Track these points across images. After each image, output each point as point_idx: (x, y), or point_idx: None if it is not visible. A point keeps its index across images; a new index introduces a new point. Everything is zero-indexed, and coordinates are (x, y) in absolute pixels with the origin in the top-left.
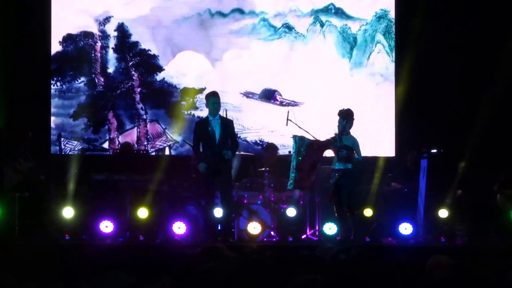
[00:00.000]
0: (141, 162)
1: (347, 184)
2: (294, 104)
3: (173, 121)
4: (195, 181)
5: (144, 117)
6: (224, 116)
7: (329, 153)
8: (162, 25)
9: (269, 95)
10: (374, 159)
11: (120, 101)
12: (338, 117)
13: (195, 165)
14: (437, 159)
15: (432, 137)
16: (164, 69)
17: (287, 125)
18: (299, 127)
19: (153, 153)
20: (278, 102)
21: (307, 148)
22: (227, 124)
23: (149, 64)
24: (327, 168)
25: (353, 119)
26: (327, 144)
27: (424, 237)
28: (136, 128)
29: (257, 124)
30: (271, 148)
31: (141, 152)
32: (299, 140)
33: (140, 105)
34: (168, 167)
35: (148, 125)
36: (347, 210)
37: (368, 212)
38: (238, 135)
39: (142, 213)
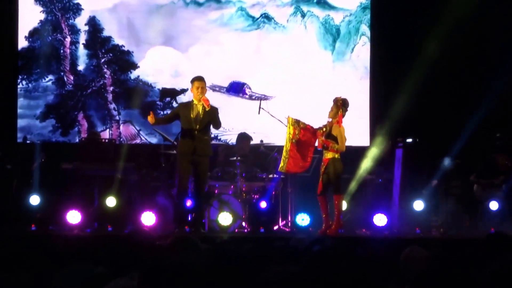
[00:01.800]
0: (109, 151)
1: (335, 172)
2: (264, 98)
3: (147, 122)
4: (165, 170)
5: (117, 118)
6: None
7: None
8: (136, 17)
9: (237, 88)
10: (352, 149)
11: (91, 101)
12: (332, 104)
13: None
14: (412, 148)
15: (407, 127)
16: (138, 66)
17: (259, 113)
18: (272, 116)
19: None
20: (247, 96)
21: (303, 131)
22: (210, 111)
23: (122, 60)
24: (313, 159)
25: (347, 110)
26: (317, 130)
27: (399, 228)
28: (108, 130)
29: (229, 123)
30: (244, 137)
31: (109, 141)
32: (293, 122)
33: (112, 105)
34: (137, 156)
35: (121, 127)
36: (336, 197)
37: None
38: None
39: (110, 202)
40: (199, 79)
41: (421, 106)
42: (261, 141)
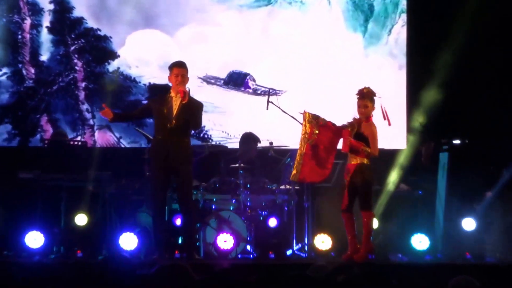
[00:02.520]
0: (79, 156)
1: (364, 182)
2: (272, 92)
3: (130, 127)
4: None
5: (91, 122)
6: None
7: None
8: None
9: (238, 81)
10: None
11: (58, 101)
12: (359, 99)
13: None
14: (460, 152)
15: (454, 125)
16: (118, 56)
17: (267, 109)
18: (284, 112)
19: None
20: (250, 90)
21: (322, 129)
22: (191, 106)
23: (98, 48)
24: (335, 164)
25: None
26: (341, 129)
27: (444, 252)
28: (80, 137)
29: (230, 125)
30: (249, 138)
31: (80, 143)
32: (311, 118)
33: (85, 106)
34: (115, 163)
35: (96, 133)
36: (365, 213)
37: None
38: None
39: (81, 221)
40: (178, 65)
41: (471, 100)
42: (271, 143)
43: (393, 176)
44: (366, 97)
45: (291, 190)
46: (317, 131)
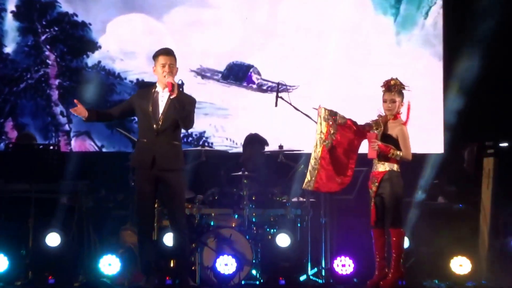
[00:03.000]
0: (51, 162)
1: (392, 193)
2: (282, 87)
3: (115, 134)
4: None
5: (66, 128)
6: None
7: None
8: None
9: (239, 74)
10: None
11: (26, 102)
12: (385, 92)
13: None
14: (509, 157)
15: (499, 126)
16: (99, 47)
17: (276, 105)
18: (296, 109)
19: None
20: (254, 85)
21: (341, 129)
22: (181, 102)
23: (74, 38)
24: (357, 172)
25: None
26: (364, 130)
27: (490, 278)
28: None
29: (231, 128)
30: (254, 141)
31: (50, 147)
32: (327, 116)
33: (59, 108)
34: (93, 171)
35: (72, 141)
36: (394, 231)
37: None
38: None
39: (53, 241)
40: (164, 53)
41: None
42: (280, 147)
43: (428, 186)
44: (393, 90)
45: (305, 203)
46: (334, 131)
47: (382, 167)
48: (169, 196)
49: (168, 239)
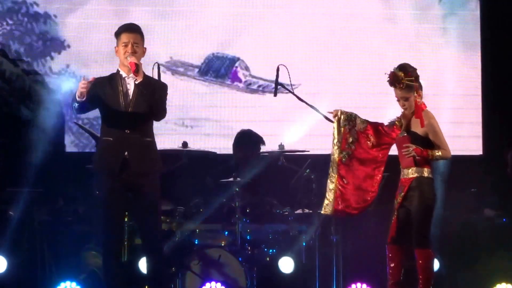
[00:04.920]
0: None
1: (420, 204)
2: (279, 86)
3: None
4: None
5: None
6: (152, 75)
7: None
8: None
9: (220, 69)
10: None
11: None
12: (394, 89)
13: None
14: None
15: None
16: (68, 46)
17: (275, 95)
18: (300, 99)
19: None
20: (241, 84)
21: (361, 136)
22: (152, 88)
23: (34, 34)
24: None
25: (419, 76)
26: (391, 130)
27: None
28: None
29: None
30: (248, 139)
31: None
32: (345, 120)
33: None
34: (48, 176)
35: None
36: (421, 252)
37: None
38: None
39: None
40: (127, 29)
41: None
42: (281, 146)
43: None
44: (398, 86)
45: (311, 217)
46: (354, 139)
47: (411, 172)
48: (142, 208)
49: (142, 262)
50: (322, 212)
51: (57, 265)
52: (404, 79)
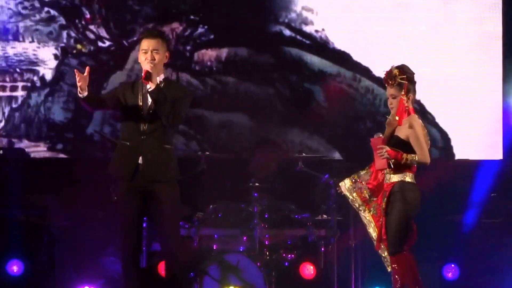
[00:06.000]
0: (10, 170)
1: (400, 212)
2: None
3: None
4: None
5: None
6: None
7: None
8: None
9: None
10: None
11: None
12: (388, 82)
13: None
14: None
15: None
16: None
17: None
18: None
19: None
20: None
21: (374, 184)
22: (170, 92)
23: None
24: None
25: (415, 83)
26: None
27: None
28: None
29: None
30: (267, 144)
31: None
32: (351, 187)
33: None
34: (66, 182)
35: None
36: (392, 259)
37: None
38: None
39: (14, 270)
40: (147, 35)
41: None
42: (299, 152)
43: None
44: (390, 83)
45: (330, 222)
46: (370, 194)
47: (393, 177)
48: (159, 214)
49: (161, 267)
50: (375, 249)
51: (76, 270)
52: (398, 77)
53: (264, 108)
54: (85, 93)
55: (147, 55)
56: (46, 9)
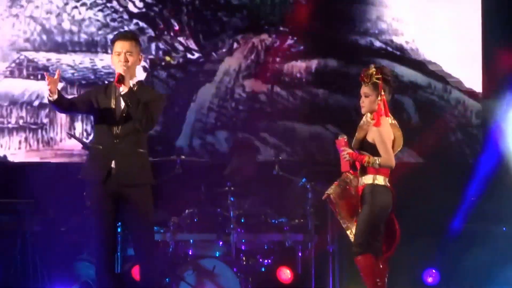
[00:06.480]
0: None
1: (367, 214)
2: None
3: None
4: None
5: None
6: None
7: None
8: None
9: None
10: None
11: None
12: (364, 80)
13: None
14: None
15: None
16: None
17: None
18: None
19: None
20: None
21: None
22: (143, 96)
23: None
24: None
25: (392, 86)
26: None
27: None
28: None
29: None
30: (243, 147)
31: None
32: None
33: None
34: (39, 185)
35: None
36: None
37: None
38: None
39: None
40: (121, 37)
41: None
42: (276, 154)
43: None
44: (366, 81)
45: (307, 227)
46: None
47: (364, 180)
48: (132, 218)
49: (136, 272)
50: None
51: (49, 276)
52: (374, 76)
53: (354, 120)
54: (55, 96)
55: (120, 57)
56: (134, 21)
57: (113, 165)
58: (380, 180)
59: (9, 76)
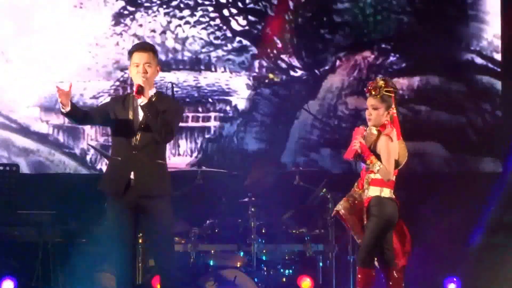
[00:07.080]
0: (7, 187)
1: (374, 225)
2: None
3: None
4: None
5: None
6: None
7: None
8: None
9: None
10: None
11: None
12: (372, 92)
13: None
14: None
15: None
16: None
17: None
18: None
19: None
20: None
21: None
22: (162, 107)
23: None
24: None
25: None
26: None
27: None
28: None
29: None
30: (263, 159)
31: (7, 168)
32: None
33: None
34: (60, 197)
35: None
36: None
37: None
38: None
39: (8, 286)
40: (139, 48)
41: None
42: (296, 165)
43: None
44: (374, 93)
45: (328, 237)
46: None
47: (370, 192)
48: (152, 229)
49: (156, 283)
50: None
51: (71, 287)
52: (383, 88)
53: (456, 137)
54: (68, 109)
55: (138, 68)
56: (238, 38)
57: (132, 176)
58: (386, 192)
59: (113, 95)
